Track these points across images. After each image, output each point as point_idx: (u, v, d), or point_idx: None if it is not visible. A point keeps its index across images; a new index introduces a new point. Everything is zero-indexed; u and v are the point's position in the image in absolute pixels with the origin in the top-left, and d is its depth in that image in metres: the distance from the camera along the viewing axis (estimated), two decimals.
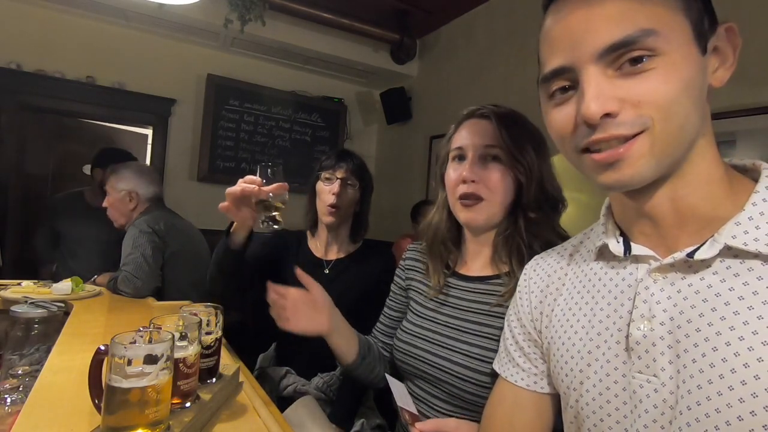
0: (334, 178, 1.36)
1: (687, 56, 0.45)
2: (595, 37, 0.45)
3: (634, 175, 0.46)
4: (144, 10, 2.84)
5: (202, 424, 0.71)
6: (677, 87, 0.44)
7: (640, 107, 0.44)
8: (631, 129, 0.45)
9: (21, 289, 1.59)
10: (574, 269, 0.63)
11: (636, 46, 0.44)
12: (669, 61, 0.44)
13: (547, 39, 0.51)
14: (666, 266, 0.50)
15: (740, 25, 0.48)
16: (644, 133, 0.45)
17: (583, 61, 0.46)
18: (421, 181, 3.48)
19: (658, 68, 0.44)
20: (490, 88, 2.91)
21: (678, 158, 0.47)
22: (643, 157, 0.45)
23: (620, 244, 0.55)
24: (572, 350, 0.57)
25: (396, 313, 1.06)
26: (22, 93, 2.93)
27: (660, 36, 0.43)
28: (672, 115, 0.44)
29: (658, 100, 0.44)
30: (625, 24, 0.44)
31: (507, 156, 0.85)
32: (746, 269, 0.45)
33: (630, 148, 0.45)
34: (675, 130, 0.45)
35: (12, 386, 0.92)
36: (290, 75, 3.80)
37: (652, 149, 0.45)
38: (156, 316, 0.70)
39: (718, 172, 0.49)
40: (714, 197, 0.49)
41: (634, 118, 0.45)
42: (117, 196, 1.87)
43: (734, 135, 1.74)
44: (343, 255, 1.43)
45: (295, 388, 1.29)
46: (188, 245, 1.94)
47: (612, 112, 0.45)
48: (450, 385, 0.84)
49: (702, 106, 0.47)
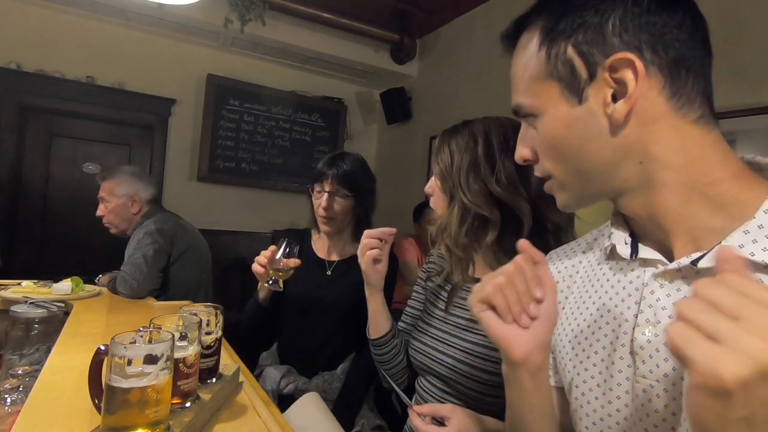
0: (323, 191, 1.33)
1: (556, 114, 0.51)
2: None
3: (564, 202, 0.56)
4: (144, 10, 2.84)
5: (202, 424, 0.71)
6: (552, 141, 0.52)
7: (540, 157, 0.55)
8: (541, 174, 0.56)
9: (21, 289, 1.59)
10: (586, 267, 0.62)
11: (521, 112, 0.55)
12: (543, 121, 0.52)
13: None
14: (672, 271, 0.49)
15: (740, 25, 0.47)
16: (552, 179, 0.55)
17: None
18: (421, 181, 3.48)
19: (539, 127, 0.53)
20: (490, 88, 2.91)
21: (597, 190, 0.53)
22: (560, 190, 0.55)
23: (627, 246, 0.54)
24: (577, 348, 0.58)
25: (418, 312, 1.08)
26: (22, 93, 2.93)
27: (527, 106, 0.53)
28: (560, 163, 0.53)
29: (546, 152, 0.54)
30: (513, 93, 0.56)
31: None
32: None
33: (547, 185, 0.56)
34: (572, 174, 0.53)
35: (12, 386, 0.92)
36: (290, 75, 3.80)
37: (563, 187, 0.54)
38: (156, 316, 0.70)
39: (706, 182, 0.47)
40: (704, 208, 0.47)
41: (538, 167, 0.56)
42: (118, 201, 1.86)
43: (734, 135, 1.74)
44: (346, 256, 1.42)
45: (296, 387, 1.29)
46: (194, 245, 1.94)
47: (526, 159, 0.56)
48: (456, 383, 0.88)
49: (604, 146, 0.49)
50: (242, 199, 3.65)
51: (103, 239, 2.27)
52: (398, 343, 1.02)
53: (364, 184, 1.38)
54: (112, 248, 2.08)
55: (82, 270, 1.85)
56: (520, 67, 0.54)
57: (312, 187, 1.37)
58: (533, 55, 0.52)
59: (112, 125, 3.26)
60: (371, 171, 1.44)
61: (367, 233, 0.98)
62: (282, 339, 1.44)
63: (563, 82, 0.50)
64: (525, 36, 0.54)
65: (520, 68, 0.54)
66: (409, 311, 1.10)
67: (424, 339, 0.97)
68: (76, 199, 3.08)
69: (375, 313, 1.01)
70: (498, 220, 0.86)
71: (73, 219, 3.07)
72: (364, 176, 1.38)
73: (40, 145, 3.07)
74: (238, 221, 3.58)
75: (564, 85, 0.50)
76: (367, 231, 0.99)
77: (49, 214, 3.08)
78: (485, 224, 0.87)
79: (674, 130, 0.48)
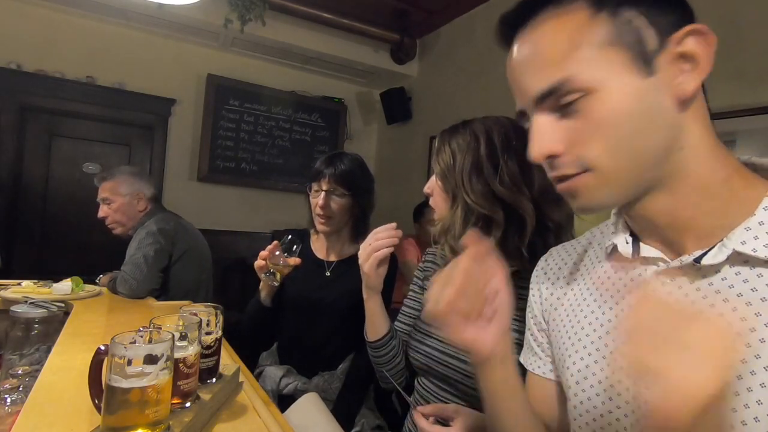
0: (320, 190, 1.33)
1: (622, 87, 0.44)
2: (528, 87, 0.48)
3: (591, 203, 0.48)
4: (144, 10, 2.84)
5: (202, 424, 0.71)
6: (615, 121, 0.44)
7: (582, 146, 0.46)
8: (571, 169, 0.47)
9: (21, 289, 1.59)
10: (586, 265, 0.63)
11: (562, 92, 0.45)
12: (600, 98, 0.44)
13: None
14: (674, 269, 0.49)
15: (740, 26, 0.47)
16: (588, 172, 0.46)
17: (530, 108, 0.49)
18: (421, 181, 3.47)
19: (592, 107, 0.45)
20: (490, 88, 2.91)
21: (643, 180, 0.47)
22: (594, 189, 0.47)
23: (629, 245, 0.54)
24: (577, 344, 0.58)
25: (416, 311, 1.08)
26: (22, 93, 2.93)
27: (579, 79, 0.44)
28: (616, 150, 0.45)
29: (598, 138, 0.45)
30: (546, 74, 0.46)
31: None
32: (755, 275, 0.44)
33: (575, 183, 0.48)
34: (625, 163, 0.46)
35: (12, 386, 0.92)
36: (290, 75, 3.80)
37: (600, 182, 0.47)
38: (156, 316, 0.70)
39: (715, 179, 0.47)
40: (713, 207, 0.47)
41: (573, 160, 0.47)
42: (123, 200, 1.86)
43: (734, 135, 1.74)
44: (345, 257, 1.42)
45: (296, 387, 1.29)
46: (195, 245, 1.95)
47: (554, 153, 0.47)
48: (458, 382, 0.88)
49: (665, 125, 0.45)
50: (242, 199, 3.65)
51: (103, 239, 2.27)
52: (396, 344, 1.02)
53: (362, 184, 1.38)
54: (112, 248, 2.07)
55: (82, 270, 1.85)
56: (562, 42, 0.46)
57: (310, 186, 1.37)
58: (585, 23, 0.45)
59: (112, 125, 3.26)
60: (369, 171, 1.44)
61: (379, 234, 0.96)
62: (282, 339, 1.44)
63: (632, 49, 0.44)
64: (552, 10, 0.47)
65: (562, 42, 0.46)
66: (406, 311, 1.10)
67: (424, 339, 0.96)
68: (76, 199, 3.08)
69: (373, 315, 1.00)
70: (502, 220, 0.85)
71: (73, 219, 3.07)
72: (361, 176, 1.38)
73: (40, 145, 3.07)
74: (238, 221, 3.58)
75: (633, 53, 0.44)
76: (379, 232, 0.96)
77: (49, 214, 3.08)
78: (489, 224, 0.86)
79: (700, 119, 0.47)
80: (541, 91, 0.47)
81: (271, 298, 1.32)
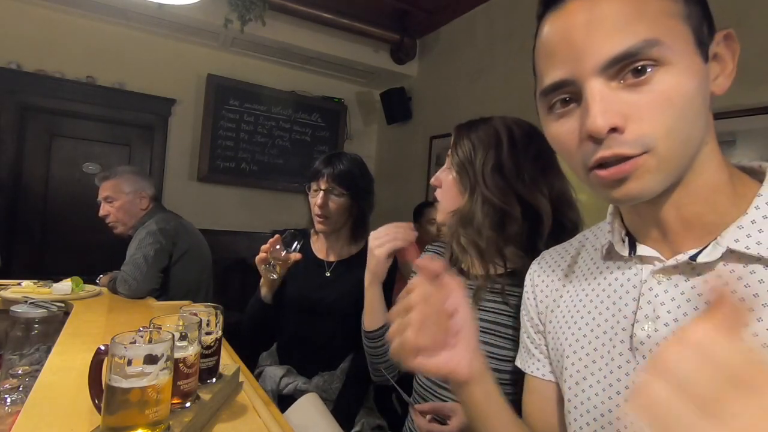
0: (319, 189, 1.33)
1: (690, 66, 0.43)
2: (597, 49, 0.43)
3: (643, 190, 0.45)
4: (144, 10, 2.84)
5: (202, 424, 0.71)
6: (681, 100, 0.42)
7: (643, 123, 0.43)
8: (634, 149, 0.43)
9: (21, 289, 1.59)
10: (581, 266, 0.63)
11: (639, 57, 0.42)
12: (672, 72, 0.42)
13: (544, 50, 0.48)
14: (670, 268, 0.50)
15: (740, 26, 0.48)
16: (647, 154, 0.43)
17: (586, 74, 0.44)
18: (421, 181, 3.48)
19: (662, 80, 0.42)
20: (490, 88, 2.91)
21: (684, 169, 0.46)
22: (650, 172, 0.44)
23: (625, 245, 0.55)
24: (575, 345, 0.58)
25: None
26: (22, 93, 2.93)
27: (663, 46, 0.41)
28: (675, 131, 0.43)
29: (662, 115, 0.42)
30: (627, 35, 0.42)
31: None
32: (749, 272, 0.45)
33: (635, 165, 0.44)
34: (679, 146, 0.44)
35: (12, 386, 0.92)
36: (290, 75, 3.80)
37: (658, 166, 0.44)
38: (156, 316, 0.70)
39: (722, 178, 0.49)
40: (718, 203, 0.48)
41: (637, 137, 0.43)
42: (126, 199, 1.87)
43: (734, 135, 1.74)
44: (345, 257, 1.42)
45: (296, 387, 1.29)
46: (195, 245, 1.95)
47: (617, 126, 0.43)
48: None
49: (705, 115, 0.46)
50: (242, 199, 3.65)
51: (103, 239, 2.27)
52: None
53: (361, 184, 1.38)
54: (112, 248, 2.08)
55: (82, 270, 1.85)
56: (651, 2, 0.43)
57: (309, 185, 1.37)
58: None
59: (112, 125, 3.26)
60: (369, 171, 1.45)
61: (400, 227, 1.00)
62: (282, 339, 1.44)
63: (696, 33, 0.44)
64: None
65: (652, 3, 0.43)
66: None
67: None
68: (76, 199, 3.07)
69: (372, 303, 1.00)
70: (519, 215, 0.85)
71: (73, 219, 3.07)
72: (360, 176, 1.38)
73: (40, 145, 3.07)
74: (238, 221, 3.58)
75: (696, 37, 0.44)
76: (400, 225, 1.01)
77: (49, 215, 3.07)
78: (504, 218, 0.86)
79: (711, 119, 0.48)
80: (616, 53, 0.42)
81: (272, 295, 1.32)
